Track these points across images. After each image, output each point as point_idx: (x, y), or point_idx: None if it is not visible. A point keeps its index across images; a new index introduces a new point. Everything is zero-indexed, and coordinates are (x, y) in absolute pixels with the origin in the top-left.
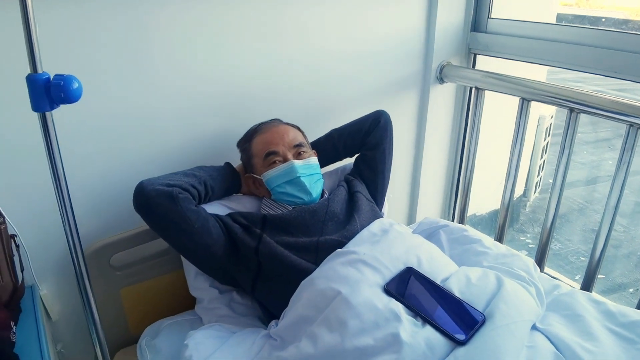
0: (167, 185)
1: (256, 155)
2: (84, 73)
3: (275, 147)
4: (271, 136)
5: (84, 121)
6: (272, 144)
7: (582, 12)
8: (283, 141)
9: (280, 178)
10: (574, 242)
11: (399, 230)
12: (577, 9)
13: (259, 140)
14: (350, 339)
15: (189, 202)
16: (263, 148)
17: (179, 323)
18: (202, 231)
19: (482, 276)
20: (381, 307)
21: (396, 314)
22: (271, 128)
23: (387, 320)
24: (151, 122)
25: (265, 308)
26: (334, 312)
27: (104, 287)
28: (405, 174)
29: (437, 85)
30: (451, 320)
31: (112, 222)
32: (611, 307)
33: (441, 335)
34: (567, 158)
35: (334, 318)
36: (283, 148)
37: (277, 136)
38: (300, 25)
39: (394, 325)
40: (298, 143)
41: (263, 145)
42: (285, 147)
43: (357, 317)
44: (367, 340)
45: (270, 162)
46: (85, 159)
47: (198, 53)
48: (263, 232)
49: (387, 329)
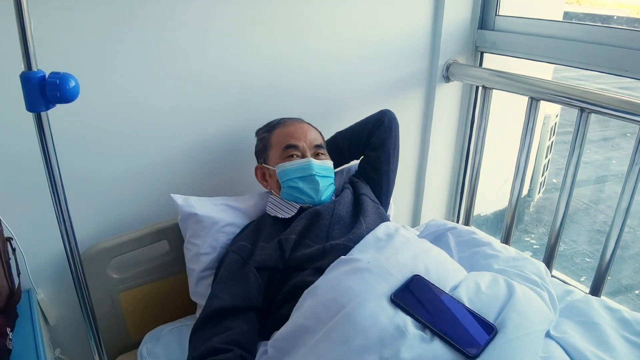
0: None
1: (274, 146)
2: (82, 71)
3: (297, 142)
4: (294, 130)
5: (83, 121)
6: (293, 138)
7: (585, 10)
8: (305, 138)
9: (295, 172)
10: (579, 242)
11: (405, 235)
12: (578, 7)
13: (281, 132)
14: (354, 357)
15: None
16: (284, 140)
17: (179, 329)
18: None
19: (492, 283)
20: (386, 322)
21: (402, 330)
22: (295, 123)
23: (393, 337)
24: (152, 122)
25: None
26: (338, 329)
27: (102, 291)
28: (410, 174)
29: (443, 84)
30: (462, 333)
31: (111, 225)
32: (626, 314)
33: (450, 350)
34: (578, 159)
35: (338, 335)
36: (304, 144)
37: (300, 132)
38: (305, 22)
39: (399, 343)
40: (319, 144)
41: (284, 137)
42: (306, 144)
43: (362, 334)
44: (371, 359)
45: (287, 155)
46: (84, 160)
47: (201, 51)
48: (285, 267)
49: (393, 348)
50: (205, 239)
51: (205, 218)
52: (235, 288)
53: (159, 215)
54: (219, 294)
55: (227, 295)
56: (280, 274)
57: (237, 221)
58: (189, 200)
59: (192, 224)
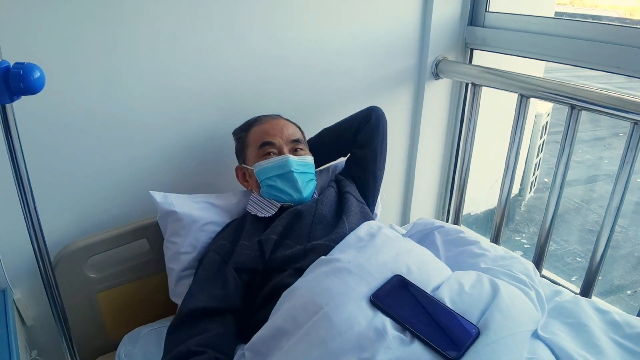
0: None
1: (251, 145)
2: (53, 63)
3: (272, 139)
4: (270, 127)
5: (54, 115)
6: (269, 135)
7: (577, 11)
8: (281, 134)
9: (272, 170)
10: (570, 242)
11: (387, 234)
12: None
13: (257, 129)
14: (331, 359)
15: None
16: (260, 137)
17: (158, 331)
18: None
19: (476, 283)
20: (365, 324)
21: (381, 332)
22: (271, 120)
23: (371, 340)
24: (130, 116)
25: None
26: (315, 330)
27: (79, 291)
28: (399, 172)
29: (432, 81)
30: (442, 335)
31: (89, 223)
32: (616, 316)
33: (431, 353)
34: (568, 157)
35: (315, 336)
36: (280, 141)
37: (276, 128)
38: (291, 16)
39: (378, 345)
40: (296, 139)
41: (260, 135)
42: (282, 140)
43: (339, 336)
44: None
45: (264, 153)
46: (58, 156)
47: (183, 43)
48: (265, 269)
49: (371, 350)
50: (185, 237)
51: (185, 216)
52: (213, 289)
53: (139, 212)
54: (196, 294)
55: (204, 296)
56: (260, 275)
57: (218, 219)
58: (168, 198)
59: (172, 222)
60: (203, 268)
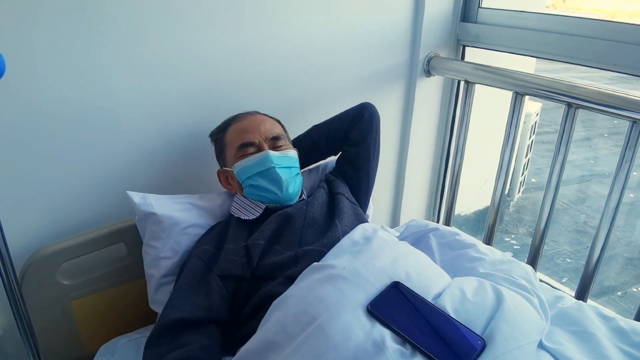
0: None
1: (229, 145)
2: (19, 54)
3: (252, 137)
4: (247, 124)
5: (19, 106)
6: (247, 133)
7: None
8: (260, 131)
9: (252, 169)
10: (559, 243)
11: (383, 238)
12: (554, 10)
13: (234, 129)
14: None
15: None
16: (237, 137)
17: (137, 341)
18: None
19: (478, 290)
20: (362, 336)
21: (379, 345)
22: (248, 117)
23: (369, 353)
24: (105, 113)
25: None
26: (309, 343)
27: (52, 298)
28: (390, 172)
29: (423, 78)
30: (446, 348)
31: (62, 226)
32: (622, 323)
33: None
34: (564, 157)
35: (308, 350)
36: (260, 138)
37: (254, 125)
38: (279, 10)
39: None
40: (275, 135)
41: (237, 134)
42: (261, 137)
43: (335, 350)
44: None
45: (244, 154)
46: (28, 151)
47: (160, 38)
48: (253, 277)
49: None
50: (165, 241)
51: (166, 218)
52: (196, 298)
53: (115, 214)
54: (178, 303)
55: (186, 306)
56: (247, 284)
57: (201, 222)
58: (147, 198)
59: (151, 224)
60: (185, 275)
